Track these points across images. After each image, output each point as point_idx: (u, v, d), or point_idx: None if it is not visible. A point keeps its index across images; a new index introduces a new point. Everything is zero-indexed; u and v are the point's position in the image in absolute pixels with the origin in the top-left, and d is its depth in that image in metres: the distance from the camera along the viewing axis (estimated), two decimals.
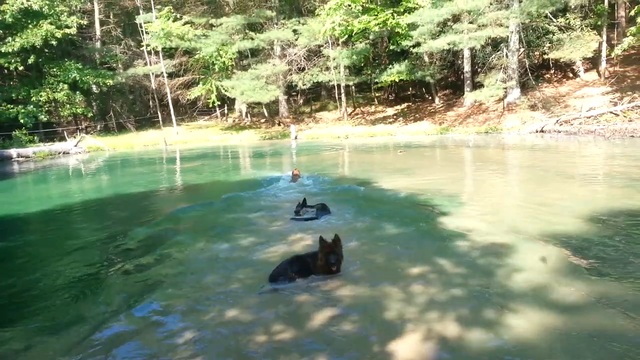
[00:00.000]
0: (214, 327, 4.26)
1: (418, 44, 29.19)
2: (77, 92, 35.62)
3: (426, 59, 33.72)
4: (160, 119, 42.57)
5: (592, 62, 30.43)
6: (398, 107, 38.09)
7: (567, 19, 28.98)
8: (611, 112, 22.61)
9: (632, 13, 25.17)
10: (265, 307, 4.56)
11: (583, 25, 28.60)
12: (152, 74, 41.58)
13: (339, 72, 35.76)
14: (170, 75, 42.14)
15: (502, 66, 28.78)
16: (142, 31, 40.00)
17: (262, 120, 41.52)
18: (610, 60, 29.33)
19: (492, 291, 4.69)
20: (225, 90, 36.16)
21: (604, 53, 28.61)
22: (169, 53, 42.83)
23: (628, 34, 24.45)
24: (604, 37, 28.76)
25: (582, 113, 23.53)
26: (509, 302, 4.42)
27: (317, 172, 14.34)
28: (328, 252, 5.08)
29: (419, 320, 4.17)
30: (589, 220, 6.99)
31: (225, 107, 45.75)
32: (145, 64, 41.40)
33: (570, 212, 7.50)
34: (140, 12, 40.02)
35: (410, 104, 38.04)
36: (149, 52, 41.00)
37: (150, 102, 47.63)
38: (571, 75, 31.29)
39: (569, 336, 3.78)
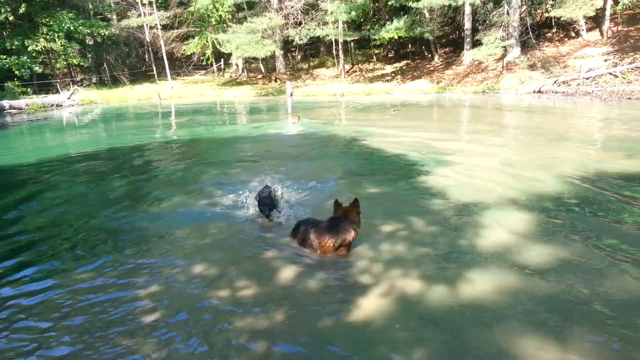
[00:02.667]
0: (179, 281, 4.38)
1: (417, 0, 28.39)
2: (73, 42, 34.83)
3: (426, 14, 32.84)
4: (155, 72, 41.93)
5: (595, 21, 29.70)
6: (397, 64, 37.47)
7: None
8: (610, 74, 22.28)
9: None
10: (232, 263, 4.66)
11: None
12: (146, 25, 40.59)
13: (337, 28, 34.92)
14: (165, 28, 41.20)
15: (503, 24, 28.09)
16: None
17: (259, 76, 40.92)
18: (615, 19, 28.64)
19: (458, 250, 4.77)
20: (220, 45, 35.43)
21: (607, 12, 27.87)
22: (164, 4, 41.72)
23: None
24: None
25: (581, 74, 23.18)
26: (474, 261, 4.50)
27: (310, 127, 14.58)
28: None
29: (383, 276, 4.26)
30: (573, 183, 7.01)
31: (222, 62, 44.96)
32: (139, 15, 40.35)
33: (555, 175, 7.51)
34: None
35: (409, 61, 37.38)
36: (143, 3, 39.88)
37: (145, 56, 46.74)
38: (573, 34, 30.60)
39: (528, 297, 3.86)
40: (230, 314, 3.76)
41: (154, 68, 42.15)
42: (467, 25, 31.29)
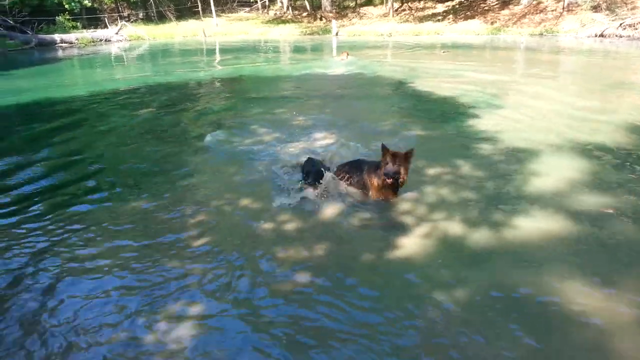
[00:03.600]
0: (225, 212, 4.52)
1: None
2: None
3: None
4: (200, 9, 41.47)
5: None
6: (449, 3, 35.44)
7: None
8: None
9: None
10: (276, 199, 4.74)
11: None
12: None
13: None
14: None
15: None
16: None
17: (304, 15, 39.78)
18: None
19: (505, 196, 4.66)
20: None
21: None
22: None
23: None
24: None
25: None
26: (520, 208, 4.40)
27: (357, 66, 14.32)
28: (390, 162, 4.30)
29: (426, 218, 4.24)
30: (634, 132, 6.64)
31: None
32: None
33: (614, 123, 7.10)
34: None
35: (462, 0, 35.28)
36: None
37: None
38: None
39: (575, 244, 3.77)
40: (272, 245, 3.87)
41: (199, 4, 41.64)
42: None
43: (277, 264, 3.61)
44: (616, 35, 21.92)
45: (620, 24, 22.18)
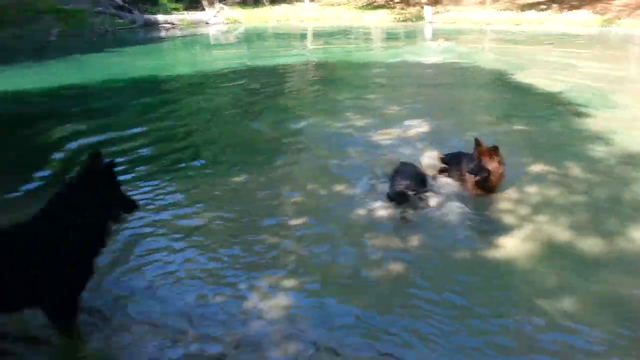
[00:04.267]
0: (319, 195, 4.58)
1: None
2: None
3: None
4: None
5: None
6: None
7: None
8: None
9: None
10: (370, 183, 4.71)
11: None
12: None
13: None
14: None
15: None
16: None
17: (397, 1, 38.99)
18: None
19: (619, 203, 4.30)
20: None
21: None
22: None
23: None
24: None
25: None
26: (637, 215, 4.03)
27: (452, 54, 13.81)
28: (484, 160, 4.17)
29: (529, 219, 4.02)
30: None
31: None
32: None
33: None
34: None
35: None
36: None
37: None
38: None
39: None
40: (366, 232, 3.87)
41: None
42: None
43: (371, 250, 3.60)
44: None
45: None
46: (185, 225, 4.02)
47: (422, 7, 34.03)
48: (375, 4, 39.47)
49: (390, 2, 39.20)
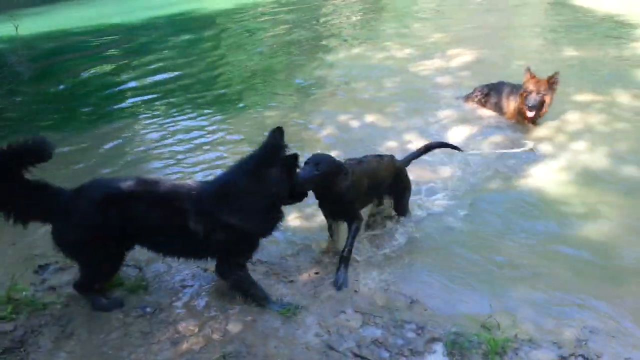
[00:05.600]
0: (354, 128, 4.61)
1: None
2: None
3: None
4: None
5: None
6: None
7: None
8: None
9: None
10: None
11: None
12: None
13: None
14: None
15: None
16: None
17: None
18: None
19: None
20: None
21: None
22: None
23: None
24: None
25: None
26: None
27: None
28: (532, 90, 4.09)
29: (565, 147, 3.94)
30: None
31: None
32: None
33: None
34: None
35: None
36: None
37: None
38: None
39: None
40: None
41: None
42: None
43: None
44: None
45: None
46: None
47: None
48: None
49: None
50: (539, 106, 4.07)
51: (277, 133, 2.25)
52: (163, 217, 2.19)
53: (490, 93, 4.69)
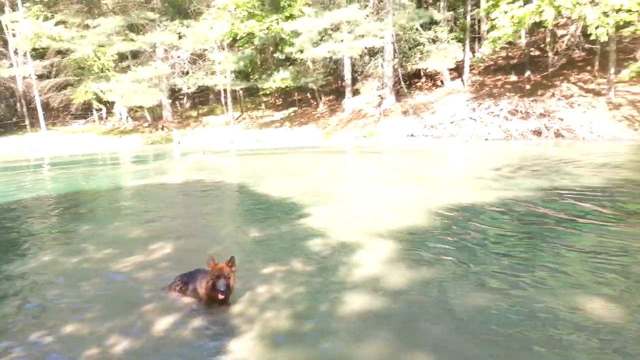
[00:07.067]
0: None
1: (301, 51, 30.07)
2: None
3: (310, 65, 34.74)
4: (27, 123, 38.88)
5: (458, 72, 33.56)
6: (285, 111, 38.75)
7: (436, 31, 31.64)
8: (470, 118, 25.15)
9: (488, 27, 28.32)
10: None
11: (449, 38, 31.44)
12: (19, 76, 37.90)
13: (226, 77, 35.47)
14: (41, 77, 38.74)
15: (378, 75, 30.71)
16: (7, 32, 36.33)
17: (145, 125, 39.79)
18: (473, 70, 32.65)
19: (330, 286, 5.12)
20: (104, 93, 34.12)
21: (466, 63, 31.72)
22: (40, 52, 39.38)
23: (482, 46, 27.56)
24: (467, 49, 31.87)
25: (446, 119, 25.95)
26: (343, 294, 4.87)
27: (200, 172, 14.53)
28: (218, 276, 4.48)
29: (257, 319, 4.44)
30: (431, 217, 7.88)
31: (104, 111, 43.06)
32: (11, 65, 37.62)
33: (417, 210, 8.36)
34: (6, 9, 36.21)
35: (296, 108, 38.88)
36: (16, 52, 37.34)
37: (18, 106, 43.24)
38: (439, 83, 34.21)
39: (384, 318, 4.31)
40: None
41: (27, 119, 39.10)
42: (347, 75, 33.55)
43: None
44: (423, 135, 26.24)
45: (425, 126, 26.60)
46: None
47: (171, 130, 35.46)
48: (122, 129, 39.41)
49: (138, 127, 39.70)
50: (227, 288, 4.55)
51: None
52: None
53: (188, 281, 5.01)
